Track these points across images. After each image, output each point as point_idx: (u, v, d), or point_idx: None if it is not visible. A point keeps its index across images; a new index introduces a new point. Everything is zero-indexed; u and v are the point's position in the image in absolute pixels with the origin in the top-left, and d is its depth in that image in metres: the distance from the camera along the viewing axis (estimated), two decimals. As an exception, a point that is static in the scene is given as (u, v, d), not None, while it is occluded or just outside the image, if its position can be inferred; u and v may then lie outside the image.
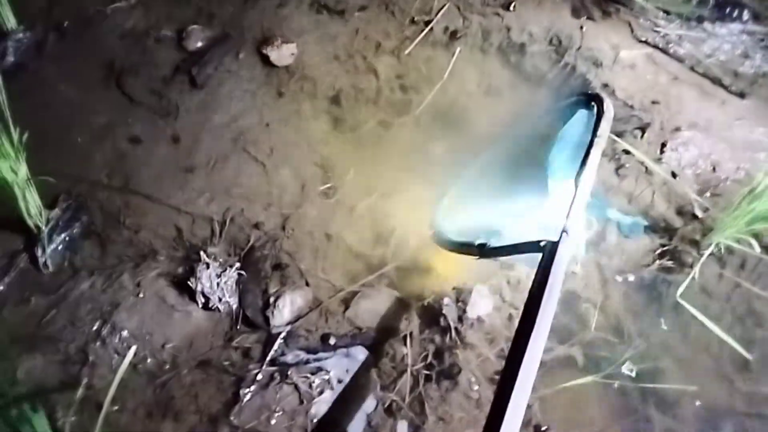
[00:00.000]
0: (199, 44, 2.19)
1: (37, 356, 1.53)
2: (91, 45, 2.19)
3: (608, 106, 1.75)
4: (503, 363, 1.58)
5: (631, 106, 2.09)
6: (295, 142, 1.99)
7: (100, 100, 2.05)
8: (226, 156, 1.93)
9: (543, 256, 1.39)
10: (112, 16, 2.26)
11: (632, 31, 2.28)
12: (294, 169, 1.94)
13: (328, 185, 1.91)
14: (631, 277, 1.76)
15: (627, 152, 1.95)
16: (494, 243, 1.49)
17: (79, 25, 2.23)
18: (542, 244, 1.39)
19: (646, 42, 2.24)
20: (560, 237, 1.41)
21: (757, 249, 1.64)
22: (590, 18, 2.31)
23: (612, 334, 1.68)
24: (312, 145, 2.00)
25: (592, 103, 1.80)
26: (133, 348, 1.43)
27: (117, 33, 2.22)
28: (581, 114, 1.86)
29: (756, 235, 1.66)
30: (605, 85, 2.16)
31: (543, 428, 1.53)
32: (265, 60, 2.14)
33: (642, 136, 2.01)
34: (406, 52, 2.19)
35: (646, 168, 1.92)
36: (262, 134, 2.00)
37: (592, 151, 1.60)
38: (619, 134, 2.00)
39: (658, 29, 2.26)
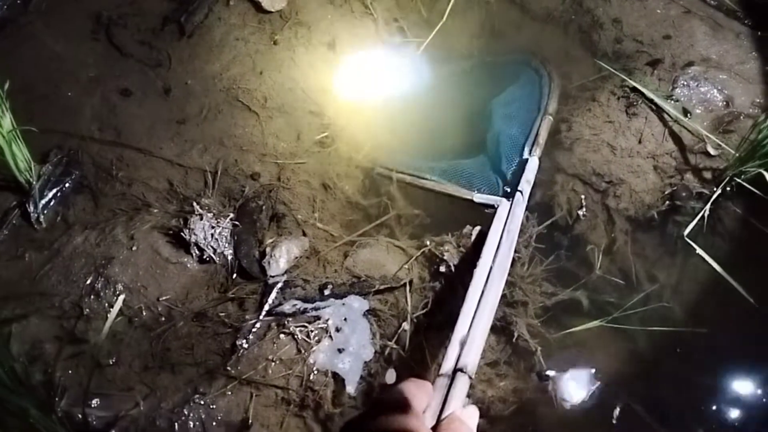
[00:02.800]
0: (190, -8, 2.11)
1: (31, 311, 1.51)
2: (77, -4, 2.13)
3: (558, 81, 1.92)
4: (505, 309, 1.55)
5: (641, 42, 1.99)
6: (290, 90, 1.93)
7: (89, 53, 1.99)
8: (219, 106, 1.88)
9: (495, 215, 1.57)
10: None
11: (642, -38, 2.15)
12: (289, 117, 1.88)
13: (325, 134, 1.85)
14: (639, 218, 1.69)
15: (636, 90, 1.86)
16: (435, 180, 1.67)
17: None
18: (496, 203, 1.61)
19: (657, -26, 2.12)
20: (513, 196, 1.59)
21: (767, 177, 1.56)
22: (598, -50, 2.18)
23: (618, 277, 1.63)
24: (307, 92, 1.93)
25: (541, 74, 1.96)
26: (122, 296, 1.41)
27: (104, -17, 2.14)
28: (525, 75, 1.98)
29: (769, 170, 1.58)
30: (615, 20, 2.05)
31: (546, 373, 1.49)
32: (257, 6, 2.06)
33: (652, 73, 1.91)
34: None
35: (657, 105, 1.83)
36: (255, 83, 1.93)
37: (544, 124, 1.79)
38: (629, 71, 1.91)
39: (670, -40, 2.13)
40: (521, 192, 1.61)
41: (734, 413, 1.49)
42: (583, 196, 1.71)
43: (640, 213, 1.71)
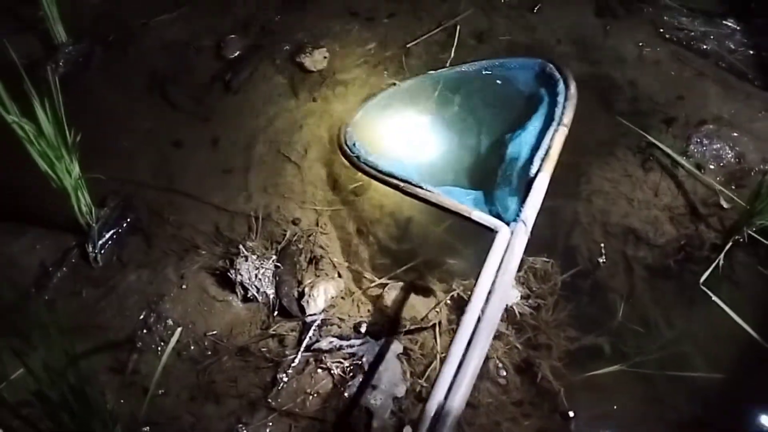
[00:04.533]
0: (237, 53, 2.31)
1: (88, 344, 1.63)
2: (135, 56, 2.34)
3: (575, 88, 1.78)
4: (531, 352, 1.64)
5: (656, 101, 2.13)
6: (327, 142, 2.08)
7: (144, 107, 2.18)
8: (263, 157, 2.03)
9: (494, 243, 1.42)
10: (154, 28, 2.40)
11: (656, 28, 2.32)
12: (326, 169, 2.02)
13: (359, 183, 1.99)
14: (657, 267, 1.78)
15: (652, 145, 1.98)
16: (429, 189, 1.56)
17: (123, 38, 2.38)
18: (495, 228, 1.43)
19: (670, 39, 2.27)
20: (516, 225, 1.44)
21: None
22: (614, 16, 2.35)
23: (638, 324, 1.71)
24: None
25: (557, 79, 1.82)
26: (178, 330, 1.52)
27: (159, 44, 2.36)
28: (538, 81, 1.91)
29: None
30: (631, 83, 2.19)
31: (569, 413, 1.56)
32: (299, 66, 2.25)
33: (667, 130, 2.04)
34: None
35: (672, 161, 1.95)
36: (296, 136, 2.09)
37: (557, 137, 1.63)
38: (645, 128, 2.03)
39: (682, 26, 2.29)
40: (524, 221, 1.42)
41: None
42: (602, 244, 1.81)
43: (657, 262, 1.80)
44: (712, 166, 1.94)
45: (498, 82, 2.02)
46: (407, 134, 2.02)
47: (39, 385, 1.23)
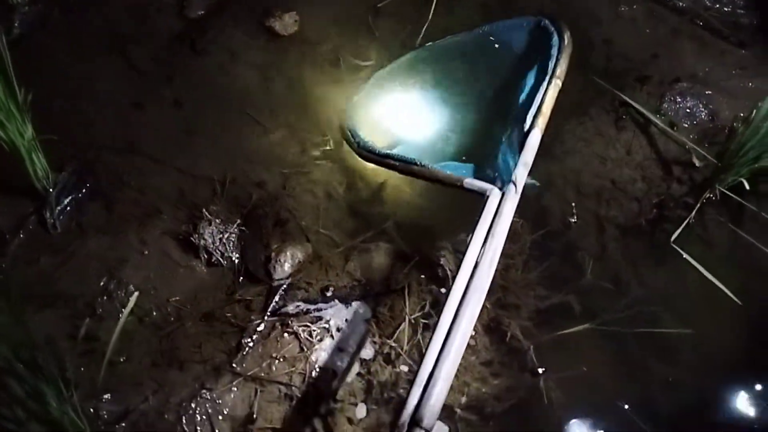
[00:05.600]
0: (200, 12, 2.22)
1: (47, 312, 1.58)
2: (94, 17, 2.23)
3: (569, 38, 1.71)
4: (499, 311, 1.62)
5: (631, 60, 2.09)
6: (296, 104, 2.02)
7: (104, 69, 2.09)
8: (228, 119, 1.97)
9: (485, 206, 1.34)
10: (113, -13, 2.29)
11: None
12: (294, 130, 1.96)
13: (329, 146, 1.93)
14: (628, 226, 1.77)
15: (626, 104, 1.95)
16: (424, 164, 1.49)
17: (81, -3, 2.27)
18: (486, 192, 1.36)
19: (645, -5, 2.23)
20: (506, 187, 1.37)
21: (746, 185, 1.64)
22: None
23: (609, 282, 1.70)
24: (312, 106, 2.02)
25: (551, 32, 1.75)
26: (135, 295, 1.48)
27: (119, 4, 2.25)
28: (532, 38, 1.84)
29: (750, 180, 1.66)
30: (606, 41, 2.15)
31: (538, 370, 1.56)
32: (269, 30, 2.16)
33: (641, 89, 2.00)
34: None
35: (645, 119, 1.92)
36: (262, 97, 2.03)
37: (549, 91, 1.56)
38: (619, 87, 1.99)
39: (657, -18, 2.24)
40: (514, 183, 1.37)
41: (722, 411, 1.55)
42: (574, 204, 1.78)
43: (629, 221, 1.78)
44: (685, 125, 1.91)
45: (495, 47, 1.95)
46: (406, 113, 1.95)
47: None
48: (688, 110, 1.93)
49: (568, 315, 1.64)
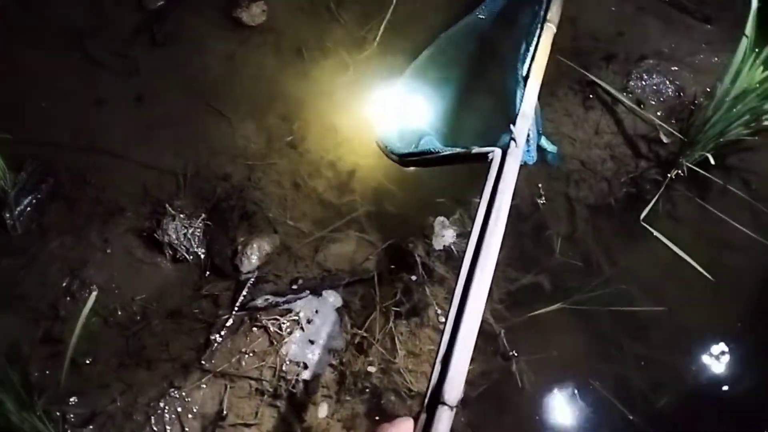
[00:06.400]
0: (160, 3, 2.17)
1: (9, 315, 1.54)
2: (50, 11, 2.16)
3: None
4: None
5: (597, 39, 2.07)
6: (260, 95, 1.98)
7: (62, 65, 2.04)
8: (191, 111, 1.93)
9: (488, 169, 1.30)
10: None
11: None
12: (259, 121, 1.93)
13: (294, 136, 1.90)
14: (598, 205, 1.76)
15: (593, 83, 1.94)
16: (438, 150, 1.44)
17: (36, -9, 2.20)
18: (489, 156, 1.31)
19: (610, -27, 2.21)
20: (507, 146, 1.33)
21: (712, 161, 1.64)
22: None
23: (579, 261, 1.69)
24: (277, 97, 1.98)
25: None
26: (94, 294, 1.45)
27: (74, -2, 2.19)
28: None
29: (716, 155, 1.66)
30: (571, 20, 2.13)
31: (511, 353, 1.55)
32: (236, 21, 2.11)
33: (608, 67, 1.99)
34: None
35: (612, 98, 1.91)
36: (227, 89, 1.98)
37: (542, 37, 1.52)
38: (586, 66, 1.98)
39: (622, -41, 2.22)
40: (514, 138, 1.32)
41: (695, 384, 1.56)
42: (540, 185, 1.77)
43: (598, 200, 1.78)
44: (652, 102, 1.91)
45: (499, 17, 1.93)
46: (428, 109, 1.88)
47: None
48: (654, 87, 1.92)
49: (539, 296, 1.64)
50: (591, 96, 1.93)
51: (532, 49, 1.50)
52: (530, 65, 1.47)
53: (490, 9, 1.96)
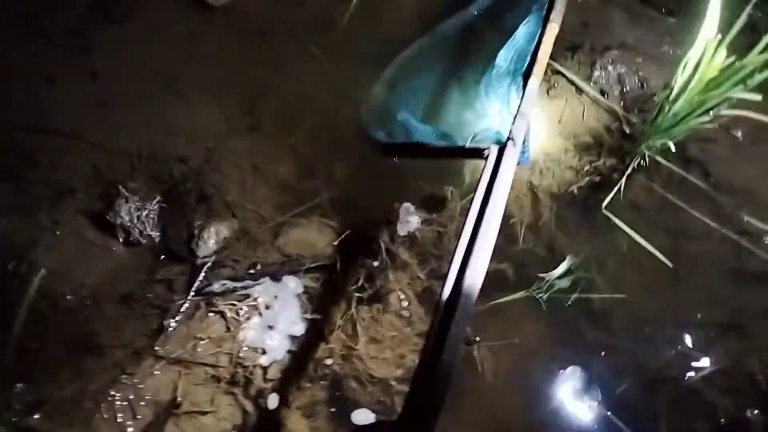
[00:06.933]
0: (117, -21, 2.09)
1: (-50, 299, 1.47)
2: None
3: None
4: (434, 282, 1.60)
5: (562, 29, 2.07)
6: (221, 76, 1.93)
7: (13, 40, 1.94)
8: (148, 91, 1.86)
9: (486, 165, 1.35)
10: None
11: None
12: (219, 102, 1.87)
13: (254, 119, 1.86)
14: (561, 194, 1.76)
15: (558, 73, 1.94)
16: (431, 143, 1.46)
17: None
18: (485, 152, 1.35)
19: (576, -36, 2.21)
20: (505, 143, 1.36)
21: (673, 148, 1.66)
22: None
23: (543, 250, 1.69)
24: (238, 80, 1.93)
25: None
26: (41, 273, 1.38)
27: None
28: None
29: (676, 144, 1.67)
30: (538, 10, 2.13)
31: (473, 338, 1.54)
32: (200, 1, 2.05)
33: (573, 57, 2.00)
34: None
35: (577, 88, 1.92)
36: (185, 69, 1.92)
37: (545, 37, 1.55)
38: (550, 56, 1.97)
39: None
40: (512, 137, 1.34)
41: (653, 371, 1.57)
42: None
43: (562, 189, 1.78)
44: (615, 92, 1.92)
45: (492, 12, 1.92)
46: (419, 99, 1.83)
47: None
48: (618, 78, 1.94)
49: (503, 283, 1.63)
50: (556, 85, 1.94)
51: (533, 47, 1.54)
52: (531, 64, 1.50)
53: (482, 5, 1.93)
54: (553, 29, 1.56)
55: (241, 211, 1.68)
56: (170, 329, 1.46)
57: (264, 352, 1.47)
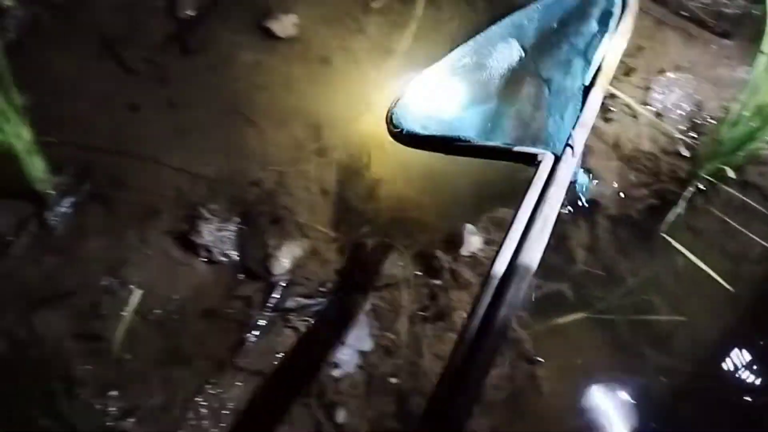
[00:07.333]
0: (192, 12, 2.23)
1: (52, 312, 1.60)
2: (83, 18, 2.23)
3: None
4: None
5: (617, 52, 2.12)
6: (288, 103, 2.04)
7: (97, 71, 2.10)
8: (221, 118, 1.99)
9: (536, 172, 1.21)
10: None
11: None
12: (288, 129, 1.99)
13: (323, 144, 1.96)
14: (619, 216, 1.81)
15: (613, 96, 1.99)
16: (470, 140, 1.35)
17: (70, 0, 2.27)
18: (538, 157, 1.22)
19: (630, -12, 2.26)
20: (563, 152, 1.23)
21: (732, 174, 1.69)
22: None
23: (601, 271, 1.74)
24: (304, 106, 2.04)
25: None
26: (139, 293, 1.51)
27: (108, 5, 2.26)
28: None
29: (735, 168, 1.70)
30: (592, 34, 2.18)
31: (535, 358, 1.60)
32: (266, 31, 2.17)
33: (628, 80, 2.04)
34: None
35: (633, 111, 1.96)
36: (257, 96, 2.05)
37: (613, 48, 1.45)
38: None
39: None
40: (571, 145, 1.24)
41: (715, 394, 1.60)
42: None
43: (619, 211, 1.83)
44: (672, 115, 1.96)
45: (545, 15, 1.78)
46: (457, 100, 1.72)
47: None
48: (674, 101, 1.97)
49: (562, 304, 1.69)
50: (611, 109, 1.98)
51: (598, 57, 1.44)
52: (596, 75, 1.41)
53: (542, 14, 1.79)
54: (619, 41, 1.49)
55: (311, 232, 1.78)
56: (249, 343, 1.57)
57: (336, 366, 1.56)
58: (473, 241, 1.70)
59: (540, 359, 1.61)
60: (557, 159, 1.22)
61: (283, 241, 1.74)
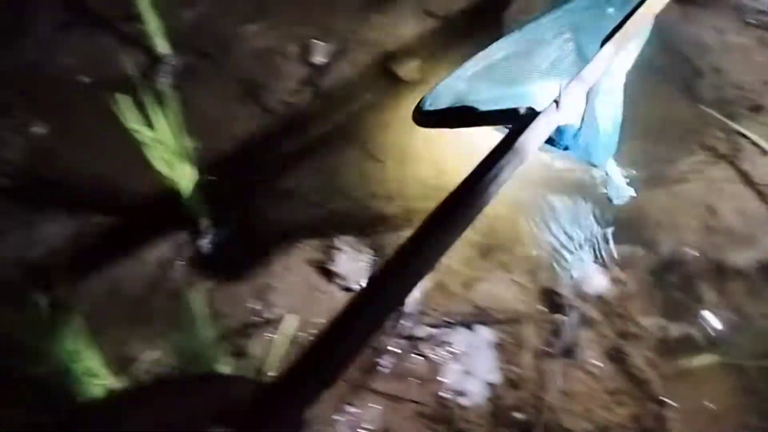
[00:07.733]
0: (323, 58, 2.44)
1: (204, 331, 1.79)
2: (228, 65, 2.49)
3: None
4: (621, 341, 1.69)
5: (742, 88, 2.11)
6: (410, 142, 2.18)
7: (240, 113, 2.33)
8: (351, 155, 2.15)
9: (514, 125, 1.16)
10: (244, 38, 2.55)
11: (738, 13, 2.29)
12: (412, 165, 2.12)
13: (444, 180, 2.07)
14: (748, 257, 1.79)
15: (740, 134, 1.98)
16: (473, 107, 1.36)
17: (218, 49, 2.54)
18: (522, 111, 1.20)
19: (754, 24, 2.24)
20: (548, 107, 1.16)
21: None
22: (694, 2, 2.34)
23: (731, 314, 1.72)
24: (426, 146, 2.17)
25: None
26: (295, 317, 1.66)
27: (249, 53, 2.51)
28: None
29: None
30: (714, 70, 2.18)
31: (662, 398, 1.61)
32: (391, 74, 2.34)
33: (755, 118, 2.02)
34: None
35: (762, 150, 1.94)
36: (381, 134, 2.20)
37: (638, 12, 1.30)
38: (732, 116, 2.02)
39: (765, 10, 2.26)
40: (557, 101, 1.14)
41: None
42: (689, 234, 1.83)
43: (746, 261, 1.80)
44: (805, 154, 1.92)
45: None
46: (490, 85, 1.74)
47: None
48: (807, 140, 1.93)
49: (692, 347, 1.68)
50: (739, 147, 1.97)
51: (622, 18, 1.32)
52: (614, 30, 1.27)
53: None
54: (648, 6, 1.34)
55: (439, 265, 1.88)
56: (382, 367, 1.68)
57: (464, 395, 1.64)
58: (597, 282, 1.73)
59: (668, 401, 1.61)
60: (536, 112, 1.16)
61: (411, 273, 1.85)
